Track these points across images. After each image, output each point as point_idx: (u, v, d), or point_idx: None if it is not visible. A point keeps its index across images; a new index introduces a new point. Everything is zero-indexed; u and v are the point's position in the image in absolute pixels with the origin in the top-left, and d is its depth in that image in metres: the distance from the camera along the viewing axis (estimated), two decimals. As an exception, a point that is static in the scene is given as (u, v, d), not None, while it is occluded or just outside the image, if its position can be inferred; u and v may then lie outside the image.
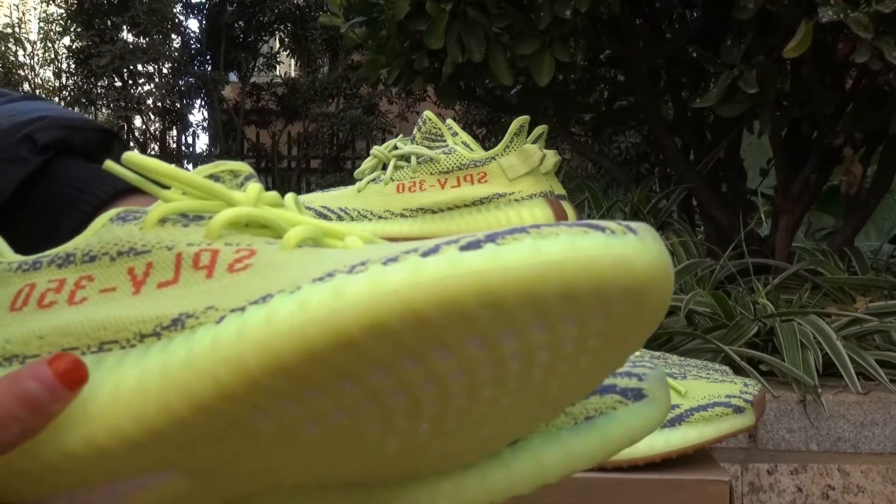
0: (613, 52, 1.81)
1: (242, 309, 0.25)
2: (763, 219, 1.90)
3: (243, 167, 0.33)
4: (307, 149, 4.57)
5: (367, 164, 0.88)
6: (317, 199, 0.88)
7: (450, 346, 0.23)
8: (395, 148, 0.87)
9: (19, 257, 0.33)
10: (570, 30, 1.41)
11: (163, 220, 0.30)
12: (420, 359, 0.23)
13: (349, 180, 0.92)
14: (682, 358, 0.71)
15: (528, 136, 0.84)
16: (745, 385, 0.66)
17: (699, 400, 0.63)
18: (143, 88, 4.38)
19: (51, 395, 0.26)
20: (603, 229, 0.23)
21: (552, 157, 0.85)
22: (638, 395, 0.33)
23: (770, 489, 1.03)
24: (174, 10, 4.27)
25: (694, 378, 0.65)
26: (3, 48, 5.25)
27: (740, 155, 1.77)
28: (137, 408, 0.25)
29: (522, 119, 0.84)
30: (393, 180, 0.85)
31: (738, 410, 0.63)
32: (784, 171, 1.57)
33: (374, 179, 0.87)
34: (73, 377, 0.26)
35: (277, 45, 4.84)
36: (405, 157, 0.85)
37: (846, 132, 1.50)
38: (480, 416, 0.27)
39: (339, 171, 4.43)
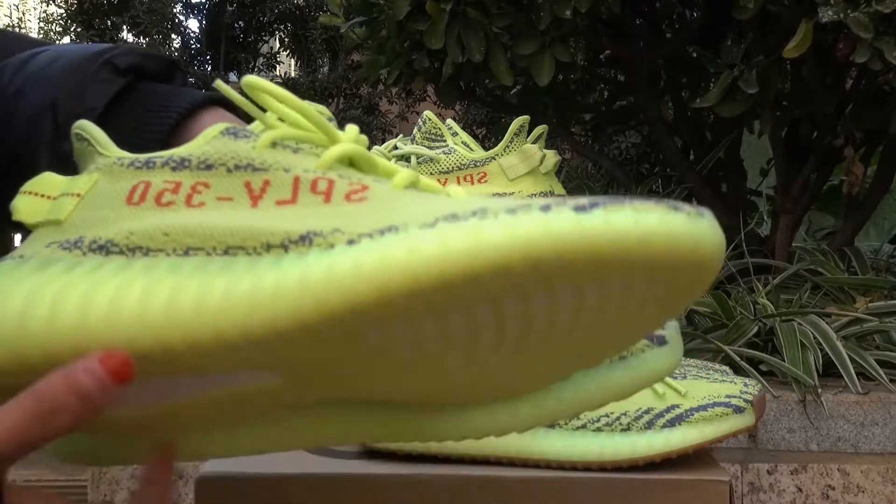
0: (613, 52, 1.80)
1: (371, 235, 0.28)
2: (763, 219, 1.90)
3: (325, 110, 0.36)
4: (307, 149, 4.56)
5: (367, 164, 0.88)
6: (317, 199, 0.88)
7: (553, 289, 0.27)
8: (395, 148, 0.87)
9: (129, 154, 0.35)
10: (570, 30, 1.41)
11: (274, 144, 0.33)
12: (524, 297, 0.27)
13: (349, 180, 0.92)
14: (683, 358, 0.71)
15: (528, 136, 0.84)
16: (745, 385, 0.66)
17: (699, 400, 0.63)
18: (143, 88, 4.37)
19: (100, 388, 0.28)
20: (684, 210, 0.27)
21: (552, 157, 0.85)
22: (661, 340, 0.38)
23: (770, 489, 1.03)
24: (174, 10, 4.27)
25: (694, 378, 0.65)
26: (3, 48, 5.23)
27: (740, 155, 1.77)
28: (270, 311, 0.28)
29: (522, 119, 0.84)
30: (393, 180, 0.85)
31: (738, 410, 0.63)
32: (784, 171, 1.56)
33: (374, 179, 0.87)
34: (122, 375, 0.29)
35: (277, 45, 4.84)
36: (405, 157, 0.85)
37: (846, 132, 1.50)
38: (548, 354, 0.31)
39: (339, 171, 4.42)
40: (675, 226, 0.26)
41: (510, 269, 0.26)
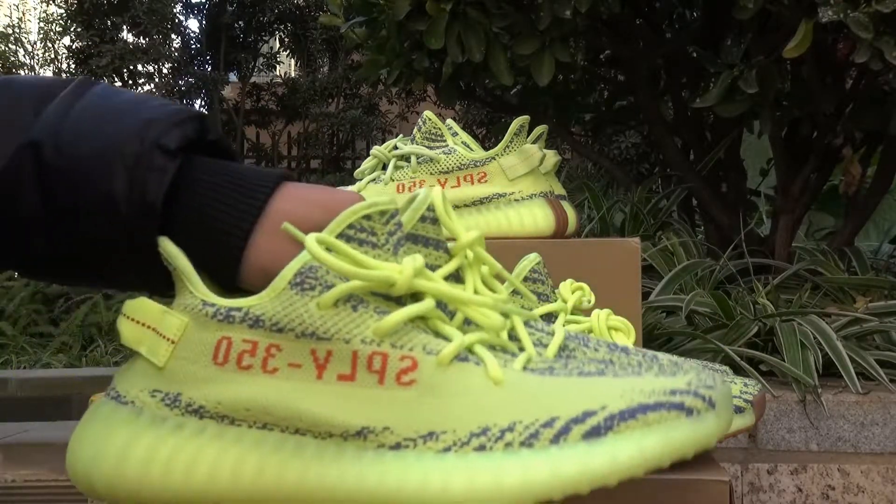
0: (613, 52, 1.80)
1: (414, 442, 0.36)
2: (763, 219, 1.90)
3: (389, 205, 0.39)
4: (307, 149, 4.57)
5: (367, 163, 0.88)
6: (317, 199, 0.87)
7: None
8: (396, 148, 0.87)
9: (212, 299, 0.40)
10: (570, 30, 1.41)
11: (336, 302, 0.38)
12: None
13: (349, 180, 0.92)
14: (682, 358, 0.71)
15: (528, 136, 0.84)
16: (745, 385, 0.66)
17: (699, 400, 0.62)
18: (143, 88, 4.38)
19: None
20: (691, 412, 0.32)
21: (552, 157, 0.85)
22: None
23: (770, 489, 1.03)
24: (174, 10, 4.27)
25: (694, 378, 0.65)
26: (3, 48, 5.25)
27: (740, 155, 1.77)
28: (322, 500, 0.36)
29: (522, 119, 0.84)
30: (393, 180, 0.85)
31: (738, 410, 0.63)
32: (784, 171, 1.57)
33: (375, 179, 0.87)
34: None
35: (277, 45, 4.84)
36: (405, 157, 0.85)
37: (846, 132, 1.50)
38: None
39: (339, 171, 4.43)
40: (679, 442, 0.33)
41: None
